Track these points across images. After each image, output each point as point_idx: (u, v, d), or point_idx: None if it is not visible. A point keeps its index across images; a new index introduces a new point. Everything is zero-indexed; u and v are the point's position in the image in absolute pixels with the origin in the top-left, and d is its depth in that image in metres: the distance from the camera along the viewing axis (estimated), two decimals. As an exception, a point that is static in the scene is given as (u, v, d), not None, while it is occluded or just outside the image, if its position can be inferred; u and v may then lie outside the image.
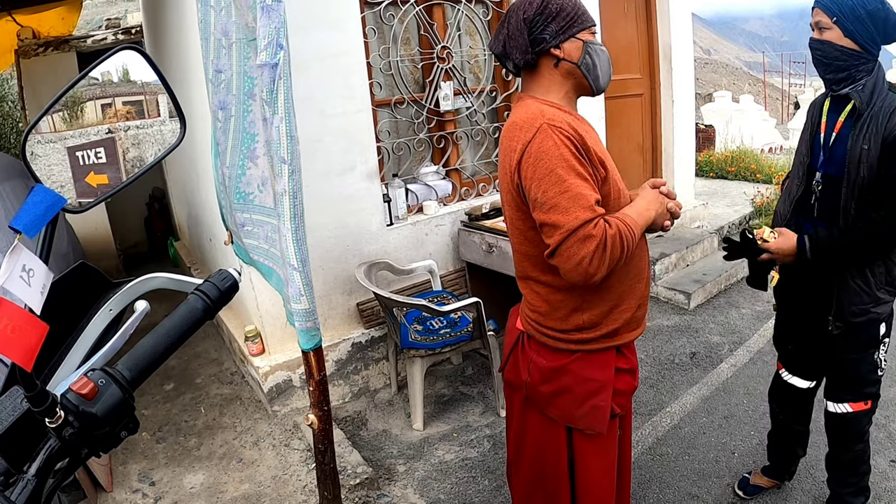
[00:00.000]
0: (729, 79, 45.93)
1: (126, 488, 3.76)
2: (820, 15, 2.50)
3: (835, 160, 2.59)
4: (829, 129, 2.64)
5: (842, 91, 2.54)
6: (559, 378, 2.18)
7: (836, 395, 2.87)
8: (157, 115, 4.08)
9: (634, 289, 2.15)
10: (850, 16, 2.41)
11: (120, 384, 1.00)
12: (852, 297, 2.62)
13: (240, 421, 4.39)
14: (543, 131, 1.93)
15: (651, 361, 4.88)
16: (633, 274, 2.13)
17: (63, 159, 1.56)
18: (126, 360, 1.05)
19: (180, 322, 1.13)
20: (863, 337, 2.71)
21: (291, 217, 2.45)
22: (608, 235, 1.85)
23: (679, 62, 6.92)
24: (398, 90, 4.91)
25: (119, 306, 1.34)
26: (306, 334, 2.60)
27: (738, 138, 12.93)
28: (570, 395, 2.18)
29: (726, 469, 3.60)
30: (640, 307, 2.19)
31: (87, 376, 0.98)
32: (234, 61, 2.82)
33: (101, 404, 0.97)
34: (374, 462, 3.88)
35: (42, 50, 7.78)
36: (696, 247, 6.57)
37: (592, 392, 2.16)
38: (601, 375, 2.16)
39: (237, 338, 4.88)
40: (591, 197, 1.88)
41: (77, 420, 0.96)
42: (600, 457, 2.26)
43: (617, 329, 2.14)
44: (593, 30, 2.09)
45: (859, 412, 2.82)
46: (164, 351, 1.10)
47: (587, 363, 2.15)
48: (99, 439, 1.00)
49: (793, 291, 2.94)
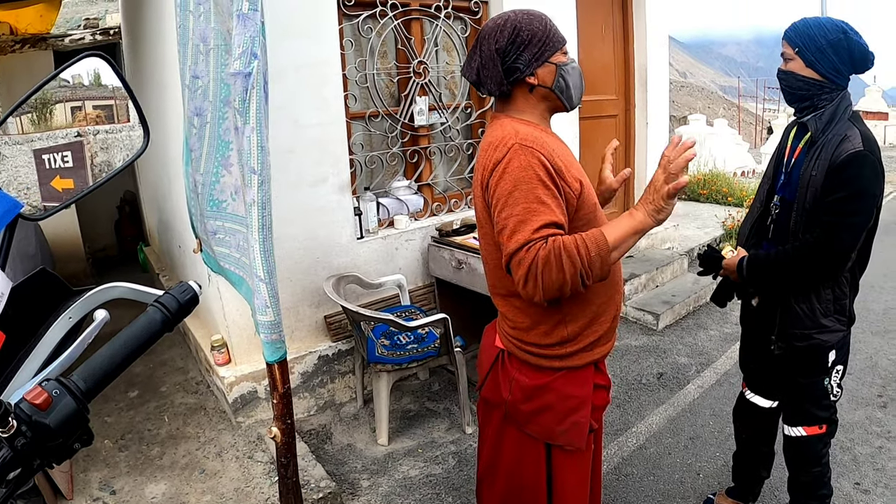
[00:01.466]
0: (704, 102, 46.47)
1: (86, 496, 3.70)
2: (785, 46, 2.61)
3: (791, 184, 2.67)
4: (792, 154, 2.72)
5: (803, 118, 2.63)
6: (542, 396, 2.19)
7: (790, 419, 2.93)
8: (126, 121, 4.07)
9: (613, 300, 2.19)
10: (812, 47, 2.50)
11: (74, 395, 0.99)
12: (794, 321, 2.69)
13: (204, 431, 4.34)
14: (514, 151, 1.94)
15: (618, 381, 4.89)
16: (611, 284, 2.16)
17: (29, 161, 1.55)
18: (82, 370, 1.04)
19: (138, 333, 1.11)
20: (809, 362, 2.77)
21: (259, 228, 2.43)
22: (539, 257, 1.83)
23: (654, 84, 6.98)
24: (373, 103, 4.91)
25: (79, 315, 1.32)
26: (271, 346, 2.58)
27: (711, 161, 13.09)
28: (552, 412, 2.18)
29: (691, 490, 3.61)
30: (615, 318, 2.22)
31: (42, 386, 0.96)
32: (211, 68, 2.80)
33: (54, 415, 0.95)
34: (337, 476, 3.85)
35: (19, 47, 7.71)
36: (666, 268, 6.61)
37: (573, 409, 2.17)
38: (581, 392, 2.18)
39: (203, 347, 4.84)
40: (539, 221, 1.87)
41: (30, 430, 0.94)
42: (577, 472, 2.28)
43: (594, 342, 2.16)
44: (564, 48, 2.11)
45: (813, 436, 2.86)
46: (120, 362, 1.08)
47: (569, 380, 2.17)
48: (52, 450, 0.98)
49: (750, 312, 3.02)
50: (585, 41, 6.17)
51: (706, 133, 17.03)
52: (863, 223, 2.48)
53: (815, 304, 2.65)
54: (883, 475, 3.61)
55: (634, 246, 6.80)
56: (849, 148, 2.43)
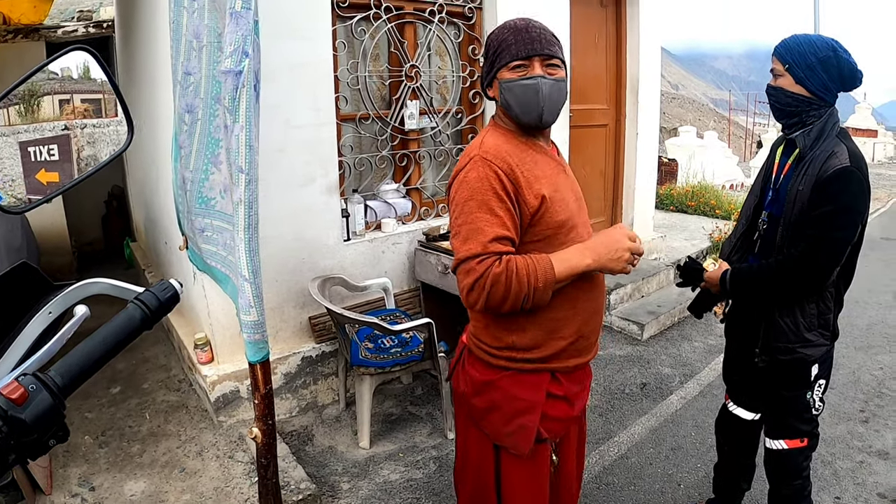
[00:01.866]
0: (695, 114, 46.69)
1: (65, 492, 3.68)
2: (775, 62, 2.63)
3: (779, 200, 2.69)
4: (780, 170, 2.74)
5: (791, 135, 2.64)
6: (489, 392, 2.23)
7: (772, 432, 2.94)
8: (114, 115, 4.05)
9: (571, 321, 2.15)
10: (801, 63, 2.51)
11: (51, 391, 0.98)
12: (778, 334, 2.70)
13: (185, 429, 4.32)
14: (474, 162, 2.02)
15: (601, 390, 4.90)
16: (569, 307, 2.13)
17: (15, 153, 1.53)
18: (59, 366, 1.03)
19: (116, 330, 1.11)
20: (792, 376, 2.78)
21: (245, 227, 2.42)
22: (492, 273, 1.90)
23: (646, 95, 7.01)
24: (364, 105, 4.91)
25: (59, 309, 1.31)
26: (254, 346, 2.57)
27: (700, 173, 13.15)
28: (500, 412, 2.21)
29: (672, 500, 3.62)
30: (578, 339, 2.18)
31: (18, 381, 0.96)
32: (203, 64, 2.79)
33: (30, 410, 0.95)
34: (318, 478, 3.84)
35: (11, 37, 7.68)
36: (652, 278, 6.63)
37: (520, 411, 2.18)
38: (530, 396, 2.18)
39: (187, 345, 4.82)
40: (492, 233, 1.94)
41: (5, 425, 0.94)
42: (526, 481, 2.26)
43: (550, 356, 2.16)
44: (514, 64, 2.06)
45: (794, 449, 2.87)
46: (98, 359, 1.08)
47: (517, 381, 2.18)
48: (27, 446, 0.98)
49: (734, 324, 3.04)
50: (578, 50, 6.19)
51: (696, 145, 17.13)
52: (847, 238, 2.49)
53: (800, 318, 2.66)
54: (863, 490, 3.63)
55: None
56: (836, 164, 2.44)
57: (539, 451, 2.23)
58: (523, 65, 2.05)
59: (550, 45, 2.07)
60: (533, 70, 2.05)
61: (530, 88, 2.04)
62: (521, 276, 1.90)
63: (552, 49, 2.07)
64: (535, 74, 2.04)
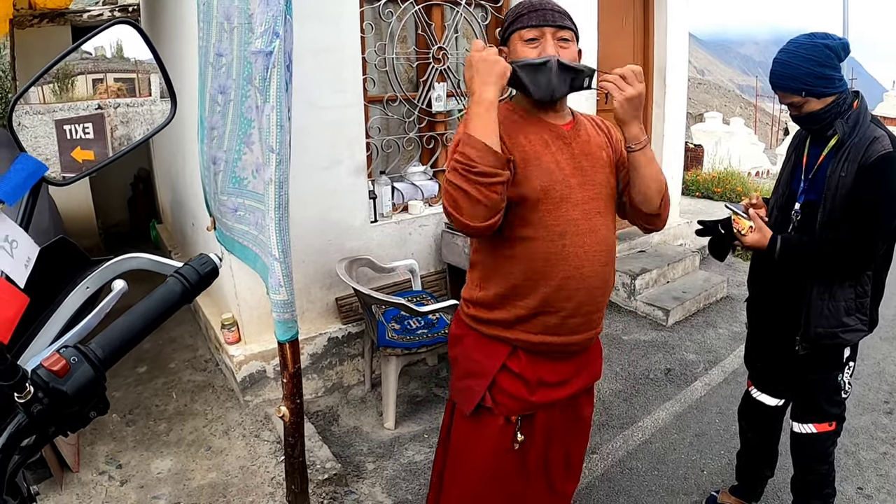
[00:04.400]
0: (721, 100, 46.30)
1: (92, 469, 3.72)
2: (788, 98, 2.57)
3: (815, 188, 2.63)
4: (812, 160, 2.68)
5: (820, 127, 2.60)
6: (455, 346, 2.33)
7: (801, 416, 2.91)
8: (148, 95, 4.06)
9: (533, 288, 2.09)
10: (815, 81, 2.46)
11: (92, 363, 0.99)
12: (820, 319, 2.66)
13: (211, 409, 4.36)
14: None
15: (626, 375, 4.89)
16: (538, 268, 2.08)
17: (50, 132, 1.54)
18: (100, 339, 1.04)
19: (157, 304, 1.11)
20: (825, 359, 2.76)
21: (276, 207, 2.44)
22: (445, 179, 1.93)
23: (673, 80, 6.95)
24: (391, 87, 4.91)
25: (97, 284, 1.32)
26: (283, 325, 2.58)
27: (726, 160, 13.03)
28: (457, 366, 2.31)
29: (695, 486, 3.61)
30: (546, 314, 2.12)
31: (60, 353, 0.96)
32: (235, 46, 2.80)
33: (71, 382, 0.95)
34: (343, 458, 3.86)
35: (37, 21, 7.70)
36: (678, 264, 6.59)
37: (471, 372, 2.23)
38: (485, 361, 2.20)
39: (213, 325, 4.85)
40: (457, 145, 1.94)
41: (47, 397, 0.94)
42: (471, 444, 2.29)
43: (510, 322, 2.15)
44: (527, 36, 2.05)
45: (823, 433, 2.85)
46: (138, 332, 1.08)
47: (477, 342, 2.23)
48: (67, 418, 0.98)
49: (764, 309, 2.99)
50: (605, 34, 6.14)
51: (722, 131, 16.97)
52: (892, 224, 2.47)
53: (839, 302, 2.62)
54: (886, 481, 3.60)
55: (645, 240, 6.70)
56: (879, 149, 2.42)
57: (488, 421, 2.22)
58: (535, 38, 2.03)
59: (563, 17, 2.06)
60: (545, 44, 2.03)
61: (541, 71, 2.02)
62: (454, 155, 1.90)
63: (564, 21, 2.05)
64: (548, 54, 2.01)
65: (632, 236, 6.79)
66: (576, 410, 2.40)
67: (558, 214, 2.05)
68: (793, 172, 2.79)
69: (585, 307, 2.15)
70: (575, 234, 2.07)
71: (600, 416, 4.31)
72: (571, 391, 2.29)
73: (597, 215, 2.13)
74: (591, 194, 2.13)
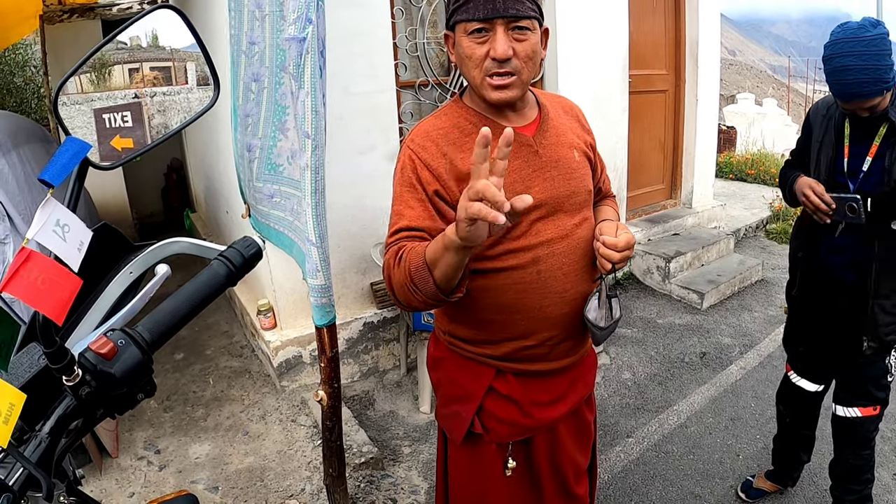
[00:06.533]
0: (753, 81, 45.71)
1: (131, 455, 3.78)
2: (869, 102, 2.41)
3: (869, 179, 2.55)
4: (861, 152, 2.58)
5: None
6: (437, 369, 2.10)
7: (846, 399, 2.87)
8: (184, 83, 4.05)
9: (511, 325, 1.84)
10: (889, 75, 2.33)
11: (139, 346, 1.00)
12: (887, 318, 2.61)
13: (248, 394, 4.40)
14: (402, 148, 1.82)
15: (661, 359, 4.87)
16: (505, 311, 1.83)
17: (89, 121, 1.55)
18: (146, 321, 1.05)
19: (202, 287, 1.12)
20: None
21: (312, 192, 2.45)
22: (387, 261, 1.65)
23: (705, 61, 6.86)
24: (423, 72, 4.90)
25: (140, 269, 1.33)
26: (321, 310, 2.60)
27: (760, 141, 12.89)
28: (441, 392, 2.09)
29: (730, 471, 3.59)
30: (530, 346, 1.87)
31: (107, 336, 0.98)
32: (266, 33, 2.81)
33: (119, 365, 0.97)
34: (379, 442, 3.89)
35: (67, 16, 7.73)
36: (712, 247, 6.53)
37: (456, 397, 1.99)
38: (469, 385, 1.95)
39: (249, 311, 4.89)
40: (396, 225, 1.71)
41: (94, 380, 0.95)
42: (465, 470, 2.06)
43: (498, 357, 1.90)
44: (472, 28, 1.65)
45: (867, 417, 2.82)
46: (184, 315, 1.09)
47: (459, 365, 1.98)
48: (115, 400, 1.00)
49: (819, 304, 2.92)
50: (636, 13, 6.08)
51: (755, 112, 16.76)
52: None
53: None
54: (925, 466, 3.57)
55: (679, 223, 6.64)
56: None
57: (483, 450, 1.98)
58: (482, 29, 1.63)
59: (516, 2, 1.60)
60: (494, 38, 1.62)
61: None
62: (402, 261, 1.58)
63: (518, 8, 1.61)
64: (498, 53, 1.63)
65: (666, 219, 6.74)
66: (578, 421, 2.12)
67: (528, 240, 1.78)
68: (831, 166, 2.68)
69: (575, 329, 1.91)
70: (550, 257, 1.79)
71: (635, 399, 4.31)
72: (569, 406, 2.01)
73: (574, 227, 1.85)
74: (565, 205, 1.84)
